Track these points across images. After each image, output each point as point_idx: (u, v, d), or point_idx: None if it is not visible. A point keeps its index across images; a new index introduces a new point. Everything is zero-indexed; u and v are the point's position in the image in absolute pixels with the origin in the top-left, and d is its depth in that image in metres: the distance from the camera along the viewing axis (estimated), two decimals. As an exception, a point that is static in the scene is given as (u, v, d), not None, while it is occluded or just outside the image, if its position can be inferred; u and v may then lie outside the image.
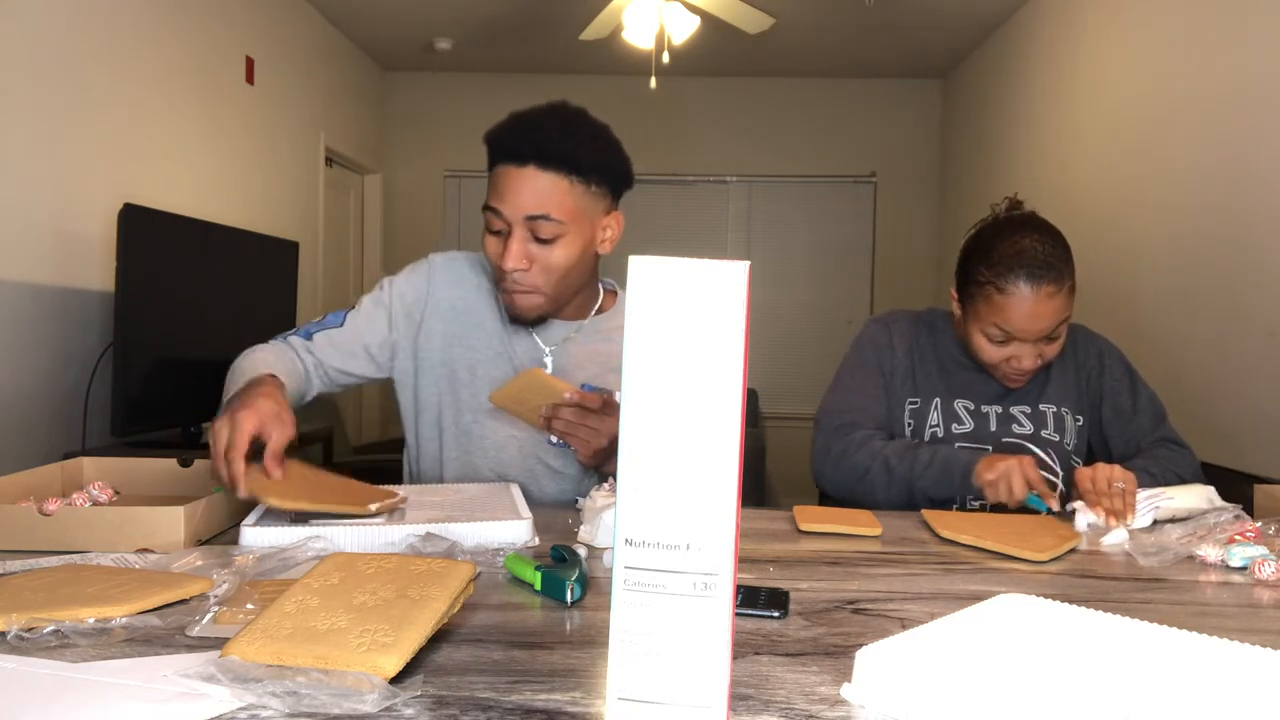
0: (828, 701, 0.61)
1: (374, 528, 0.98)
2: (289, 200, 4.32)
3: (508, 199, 1.20)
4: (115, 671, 0.63)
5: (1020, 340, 1.39)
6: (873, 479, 1.42)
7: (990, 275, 1.39)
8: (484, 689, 0.62)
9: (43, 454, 2.54)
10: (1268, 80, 2.50)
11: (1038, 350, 1.41)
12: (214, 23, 3.59)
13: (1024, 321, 1.37)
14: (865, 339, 1.59)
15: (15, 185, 2.51)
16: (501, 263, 1.23)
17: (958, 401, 1.51)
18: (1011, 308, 1.37)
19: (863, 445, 1.44)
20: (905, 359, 1.55)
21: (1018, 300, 1.36)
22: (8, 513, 0.97)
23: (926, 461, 1.39)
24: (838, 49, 5.07)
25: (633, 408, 0.52)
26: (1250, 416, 2.51)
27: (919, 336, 1.57)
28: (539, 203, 1.20)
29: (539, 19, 4.63)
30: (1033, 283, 1.35)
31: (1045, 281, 1.35)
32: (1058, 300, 1.37)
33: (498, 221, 1.23)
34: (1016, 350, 1.41)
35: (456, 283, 1.39)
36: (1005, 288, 1.37)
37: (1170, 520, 1.17)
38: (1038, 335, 1.39)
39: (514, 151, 1.20)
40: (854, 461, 1.44)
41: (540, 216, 1.20)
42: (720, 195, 5.68)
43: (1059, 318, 1.38)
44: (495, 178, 1.23)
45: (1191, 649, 0.64)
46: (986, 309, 1.40)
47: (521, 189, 1.19)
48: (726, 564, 0.52)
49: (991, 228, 1.45)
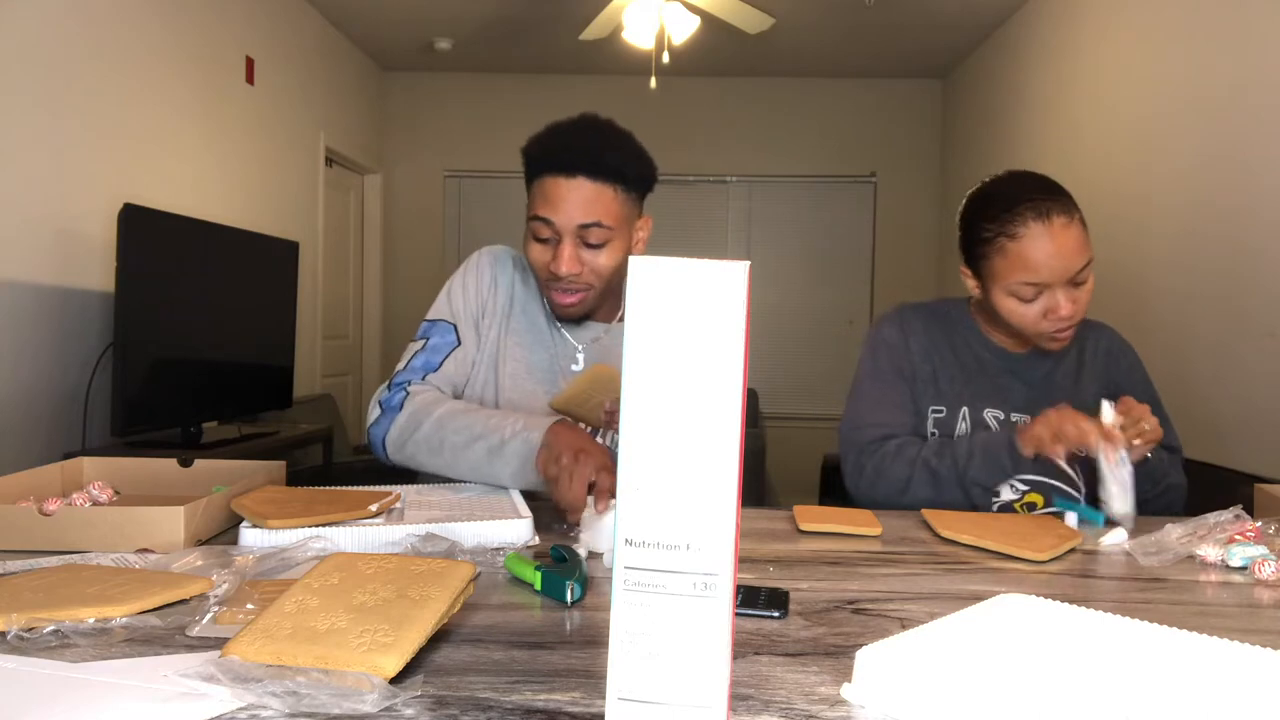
0: (828, 701, 0.61)
1: (374, 528, 0.98)
2: (289, 200, 4.32)
3: (560, 209, 1.26)
4: (115, 671, 0.63)
5: (1050, 286, 1.31)
6: (916, 488, 1.36)
7: (996, 227, 1.32)
8: (484, 689, 0.62)
9: (43, 454, 2.54)
10: (1267, 80, 2.50)
11: (1071, 296, 1.32)
12: (214, 23, 3.59)
13: (1047, 260, 1.29)
14: (880, 342, 1.50)
15: (15, 185, 2.51)
16: (554, 268, 1.29)
17: (986, 410, 1.44)
18: (1029, 251, 1.29)
19: (898, 455, 1.38)
20: (925, 362, 1.46)
21: (1031, 240, 1.28)
22: (8, 513, 0.97)
23: (967, 452, 1.33)
24: (838, 49, 5.07)
25: (633, 408, 0.52)
26: (1250, 416, 2.51)
27: (936, 335, 1.48)
28: (590, 211, 1.26)
29: (539, 19, 4.63)
30: (1041, 218, 1.28)
31: (1054, 213, 1.29)
32: (1073, 231, 1.29)
33: (546, 230, 1.28)
34: (1049, 301, 1.32)
35: (508, 274, 1.44)
36: (1016, 232, 1.30)
37: None
38: (1065, 275, 1.30)
39: (564, 164, 1.26)
40: (893, 475, 1.37)
41: (592, 224, 1.27)
42: (720, 195, 5.68)
43: (1081, 253, 1.30)
44: (543, 188, 1.27)
45: (1191, 649, 0.64)
46: (1004, 265, 1.32)
47: (573, 199, 1.25)
48: (726, 564, 0.52)
49: (981, 187, 1.40)
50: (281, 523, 0.97)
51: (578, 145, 1.27)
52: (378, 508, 1.05)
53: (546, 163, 1.27)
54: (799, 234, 5.65)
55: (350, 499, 1.07)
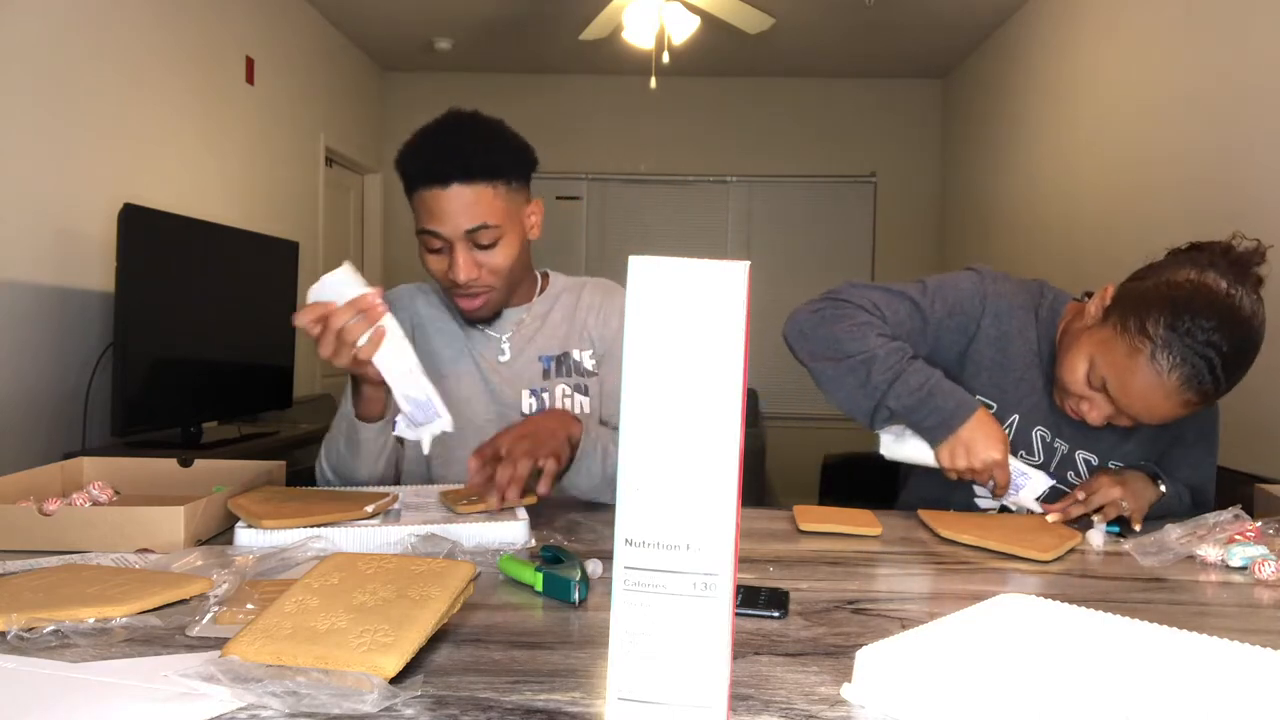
0: (828, 701, 0.61)
1: (374, 528, 0.98)
2: (289, 200, 4.32)
3: (444, 219, 1.25)
4: (115, 671, 0.63)
5: (1107, 396, 1.19)
6: (844, 370, 1.23)
7: (1153, 329, 1.12)
8: (484, 689, 0.62)
9: (43, 454, 2.54)
10: (1267, 80, 2.50)
11: (1112, 418, 1.21)
12: (214, 23, 3.59)
13: (1134, 399, 1.15)
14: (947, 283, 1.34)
15: (15, 185, 2.51)
16: (452, 276, 1.28)
17: (1036, 430, 1.33)
18: (1138, 380, 1.13)
19: (861, 328, 1.25)
20: (990, 347, 1.31)
21: (1150, 379, 1.12)
22: (8, 513, 0.97)
23: (914, 388, 1.21)
24: (838, 49, 5.07)
25: (633, 408, 0.52)
26: (1250, 416, 2.51)
27: (1018, 325, 1.32)
28: (473, 215, 1.25)
29: (539, 19, 4.63)
30: (1186, 383, 1.11)
31: (1197, 389, 1.11)
32: (1185, 410, 1.15)
33: (436, 241, 1.27)
34: (1099, 406, 1.20)
35: (409, 308, 1.45)
36: (1157, 357, 1.11)
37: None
38: (1130, 416, 1.19)
39: (436, 174, 1.24)
40: (836, 336, 1.25)
41: (479, 227, 1.25)
42: (720, 195, 5.68)
43: (1161, 418, 1.17)
44: (424, 201, 1.26)
45: (1191, 649, 0.64)
46: (1112, 359, 1.16)
47: (454, 207, 1.24)
48: (726, 564, 0.52)
49: (1199, 287, 1.12)
50: (276, 523, 0.97)
51: (447, 152, 1.25)
52: (374, 509, 1.05)
53: (421, 176, 1.26)
54: (799, 234, 5.64)
55: (347, 500, 1.07)
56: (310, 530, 0.97)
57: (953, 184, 5.39)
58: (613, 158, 5.62)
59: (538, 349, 1.42)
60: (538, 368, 1.41)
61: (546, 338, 1.43)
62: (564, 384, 1.40)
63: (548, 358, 1.41)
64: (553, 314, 1.45)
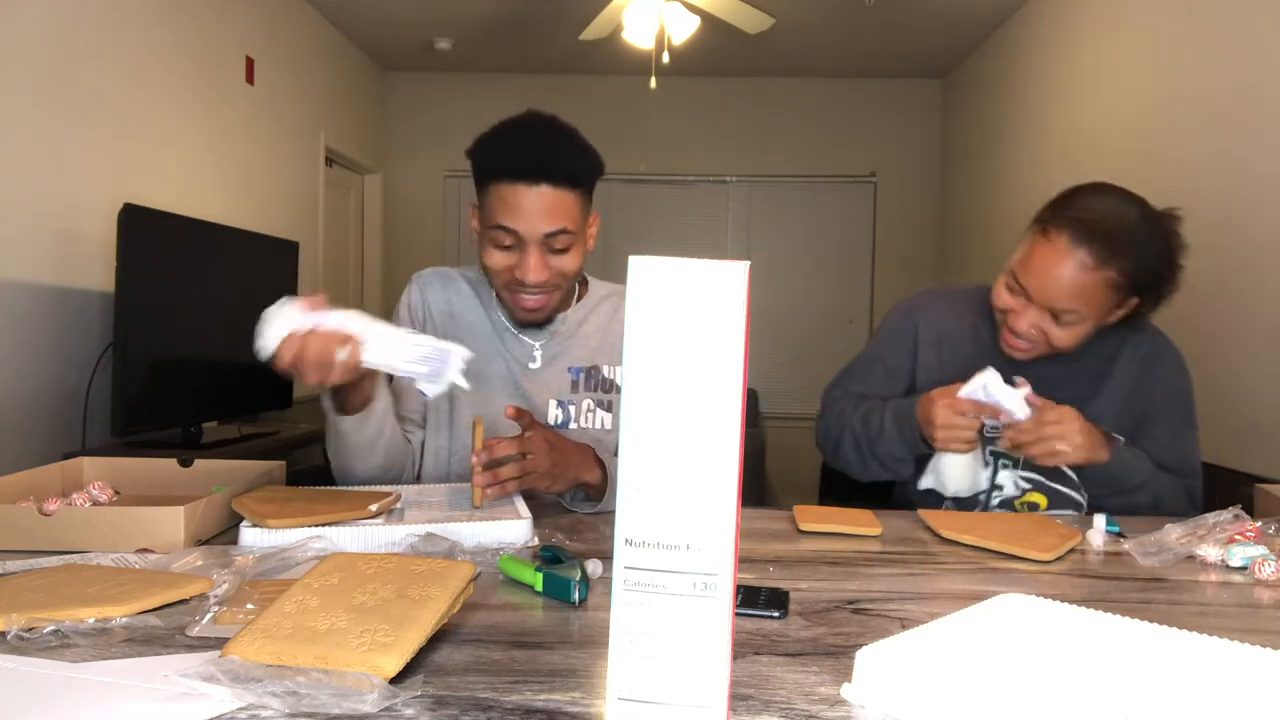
0: (828, 701, 0.61)
1: (374, 528, 0.98)
2: (289, 200, 4.32)
3: (524, 218, 1.22)
4: (115, 671, 0.63)
5: (1026, 297, 1.29)
6: (846, 451, 1.41)
7: (1047, 216, 1.28)
8: (484, 689, 0.62)
9: (43, 454, 2.54)
10: (1268, 80, 2.50)
11: (1037, 321, 1.29)
12: (214, 23, 3.59)
13: (1036, 274, 1.26)
14: (886, 329, 1.52)
15: (15, 185, 2.51)
16: (521, 276, 1.26)
17: None
18: (1036, 256, 1.26)
19: (839, 416, 1.43)
20: (930, 350, 1.45)
21: (1045, 250, 1.25)
22: (8, 513, 0.97)
23: (879, 426, 1.36)
24: (838, 49, 5.06)
25: (633, 407, 0.52)
26: (1250, 416, 2.51)
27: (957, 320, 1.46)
28: (555, 219, 1.23)
29: (539, 19, 4.63)
30: (1074, 242, 1.23)
31: (1086, 246, 1.23)
32: (1086, 276, 1.24)
33: (508, 238, 1.25)
34: (1019, 307, 1.31)
35: (443, 292, 1.44)
36: (1049, 232, 1.26)
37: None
38: (1042, 299, 1.27)
39: (526, 171, 1.22)
40: (833, 435, 1.43)
41: (558, 231, 1.24)
42: (720, 195, 5.68)
43: (1077, 297, 1.25)
44: (505, 195, 1.23)
45: (1191, 649, 0.64)
46: (1022, 253, 1.31)
47: (537, 207, 1.22)
48: (726, 564, 0.52)
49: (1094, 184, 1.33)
50: (281, 522, 0.97)
51: (537, 152, 1.23)
52: (378, 508, 1.05)
53: (506, 171, 1.23)
54: (799, 234, 5.64)
55: (351, 499, 1.07)
56: (311, 530, 0.97)
57: (953, 184, 5.39)
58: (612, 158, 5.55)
59: (568, 360, 1.40)
60: (566, 379, 1.39)
61: (579, 348, 1.42)
62: (590, 398, 1.39)
63: (577, 369, 1.40)
64: (587, 324, 1.43)
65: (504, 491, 1.11)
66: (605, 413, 1.39)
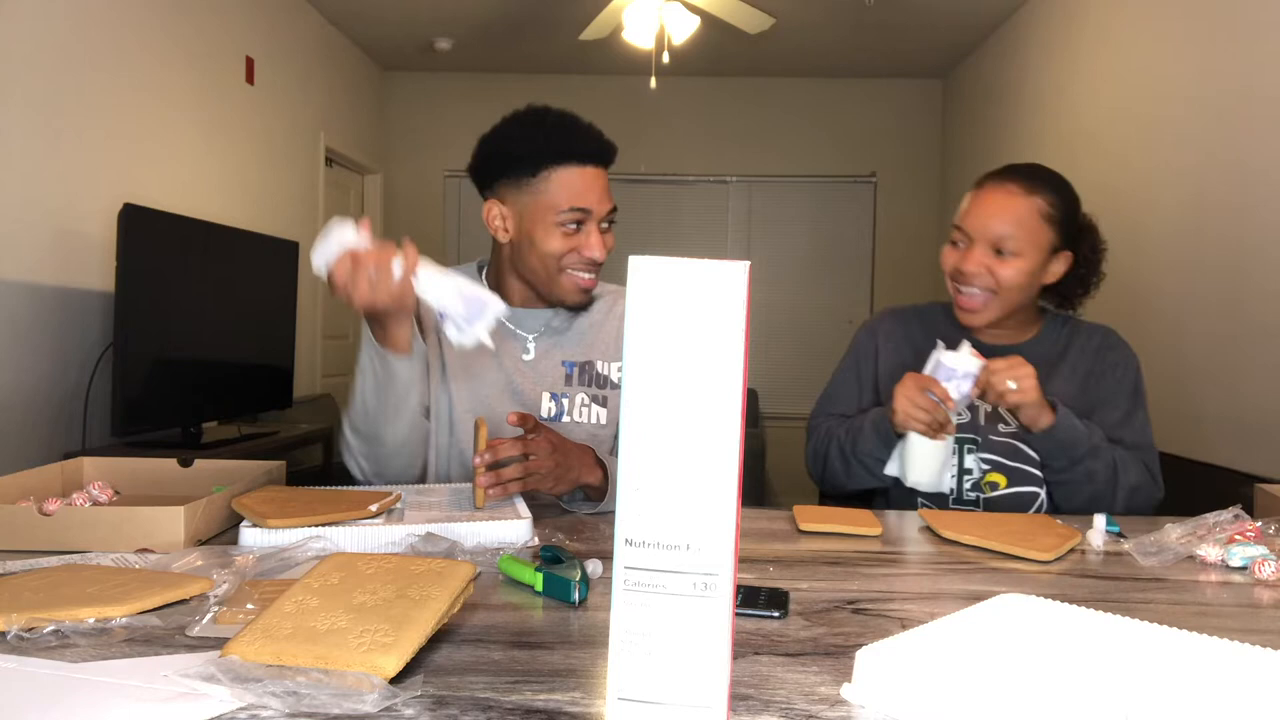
0: (828, 701, 0.61)
1: (374, 528, 0.98)
2: (289, 200, 4.32)
3: (592, 198, 1.31)
4: (115, 671, 0.63)
5: (970, 238, 1.37)
6: (833, 464, 1.45)
7: (979, 179, 1.41)
8: (484, 689, 0.62)
9: (43, 454, 2.54)
10: (1268, 79, 2.50)
11: (983, 259, 1.37)
12: (214, 23, 3.59)
13: (973, 215, 1.37)
14: (852, 346, 1.61)
15: (15, 185, 2.51)
16: (587, 254, 1.32)
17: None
18: (971, 203, 1.38)
19: (826, 435, 1.49)
20: (892, 357, 1.53)
21: (978, 195, 1.38)
22: (8, 513, 0.97)
23: (857, 427, 1.41)
24: (838, 49, 5.07)
25: (633, 407, 0.52)
26: (1250, 416, 2.51)
27: (905, 331, 1.55)
28: (610, 198, 1.34)
29: (539, 19, 4.63)
30: (1002, 179, 1.36)
31: (1012, 179, 1.36)
32: (1018, 201, 1.35)
33: (578, 218, 1.31)
34: (969, 253, 1.38)
35: None
36: (980, 184, 1.39)
37: None
38: (984, 231, 1.36)
39: (591, 154, 1.31)
40: (820, 453, 1.48)
41: (614, 209, 1.35)
42: (720, 195, 5.68)
43: (1014, 223, 1.35)
44: (568, 179, 1.29)
45: (1191, 649, 0.64)
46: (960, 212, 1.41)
47: (600, 186, 1.32)
48: (726, 564, 0.52)
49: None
50: (282, 522, 0.97)
51: (592, 137, 1.31)
52: (378, 508, 1.05)
53: (572, 154, 1.29)
54: (799, 234, 5.64)
55: (351, 499, 1.07)
56: (311, 530, 0.97)
57: (953, 184, 5.39)
58: (613, 158, 5.61)
59: (562, 354, 1.42)
60: (560, 372, 1.40)
61: (572, 342, 1.43)
62: (584, 393, 1.40)
63: (571, 363, 1.41)
64: (581, 319, 1.44)
65: (506, 492, 1.11)
66: (600, 408, 1.40)
